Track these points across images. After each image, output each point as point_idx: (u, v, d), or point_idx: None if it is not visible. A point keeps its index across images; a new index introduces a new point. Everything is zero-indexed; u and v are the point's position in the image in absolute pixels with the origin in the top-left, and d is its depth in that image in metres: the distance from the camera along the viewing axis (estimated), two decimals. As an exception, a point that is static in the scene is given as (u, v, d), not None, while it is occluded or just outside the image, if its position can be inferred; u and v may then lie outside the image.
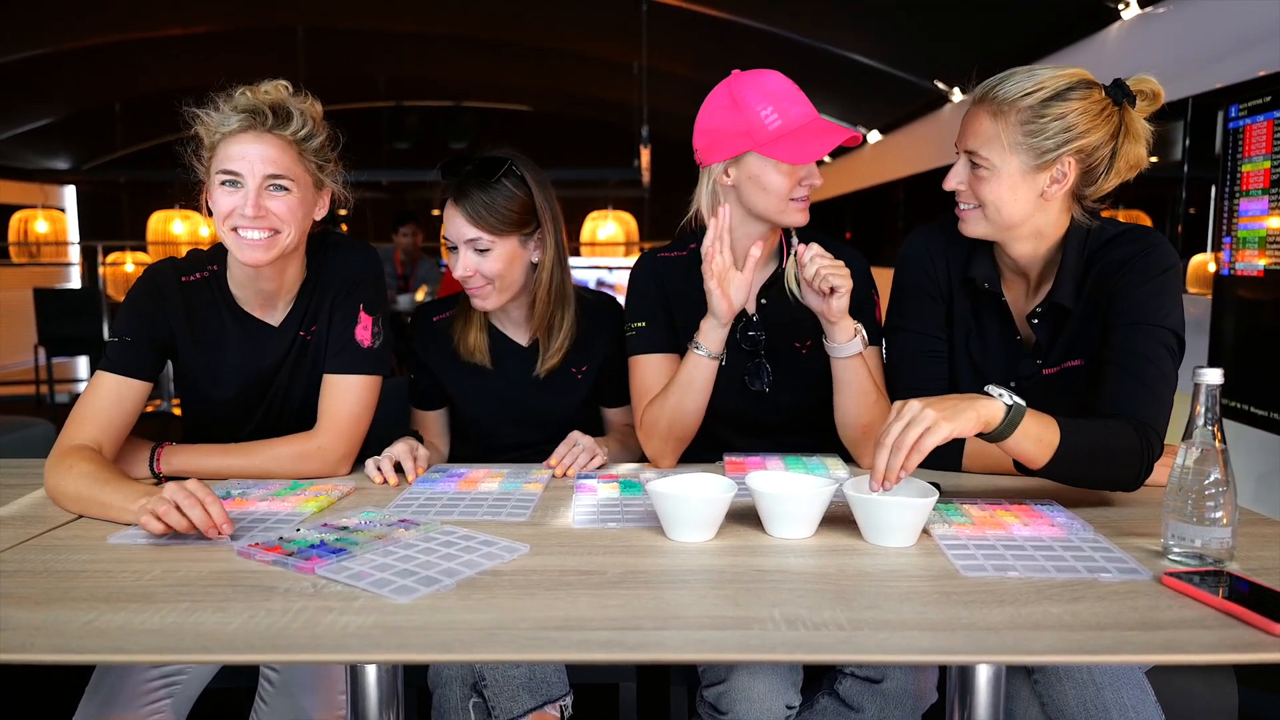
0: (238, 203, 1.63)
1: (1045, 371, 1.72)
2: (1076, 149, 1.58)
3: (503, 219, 1.87)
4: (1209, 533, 1.21)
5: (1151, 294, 1.59)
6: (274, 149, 1.64)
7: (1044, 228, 1.67)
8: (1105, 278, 1.64)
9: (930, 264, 1.82)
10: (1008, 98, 1.59)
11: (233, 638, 1.01)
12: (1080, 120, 1.56)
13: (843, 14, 5.68)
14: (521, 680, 1.55)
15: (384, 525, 1.39)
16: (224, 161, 1.63)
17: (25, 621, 1.04)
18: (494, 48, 7.85)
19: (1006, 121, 1.59)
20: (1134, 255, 1.63)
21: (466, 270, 1.88)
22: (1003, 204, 1.63)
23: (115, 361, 1.65)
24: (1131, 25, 4.04)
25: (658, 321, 1.90)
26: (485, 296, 1.92)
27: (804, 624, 1.04)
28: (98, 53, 7.13)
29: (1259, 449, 2.91)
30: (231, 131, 1.63)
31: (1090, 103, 1.57)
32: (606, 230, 8.42)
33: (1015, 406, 1.39)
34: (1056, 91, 1.57)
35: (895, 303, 1.87)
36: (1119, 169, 1.61)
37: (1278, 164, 2.80)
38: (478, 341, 2.00)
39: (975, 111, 1.64)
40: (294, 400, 1.81)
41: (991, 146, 1.61)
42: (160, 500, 1.30)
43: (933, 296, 1.82)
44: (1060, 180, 1.60)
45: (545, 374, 1.99)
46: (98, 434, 1.60)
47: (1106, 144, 1.59)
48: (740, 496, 1.41)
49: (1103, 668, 1.42)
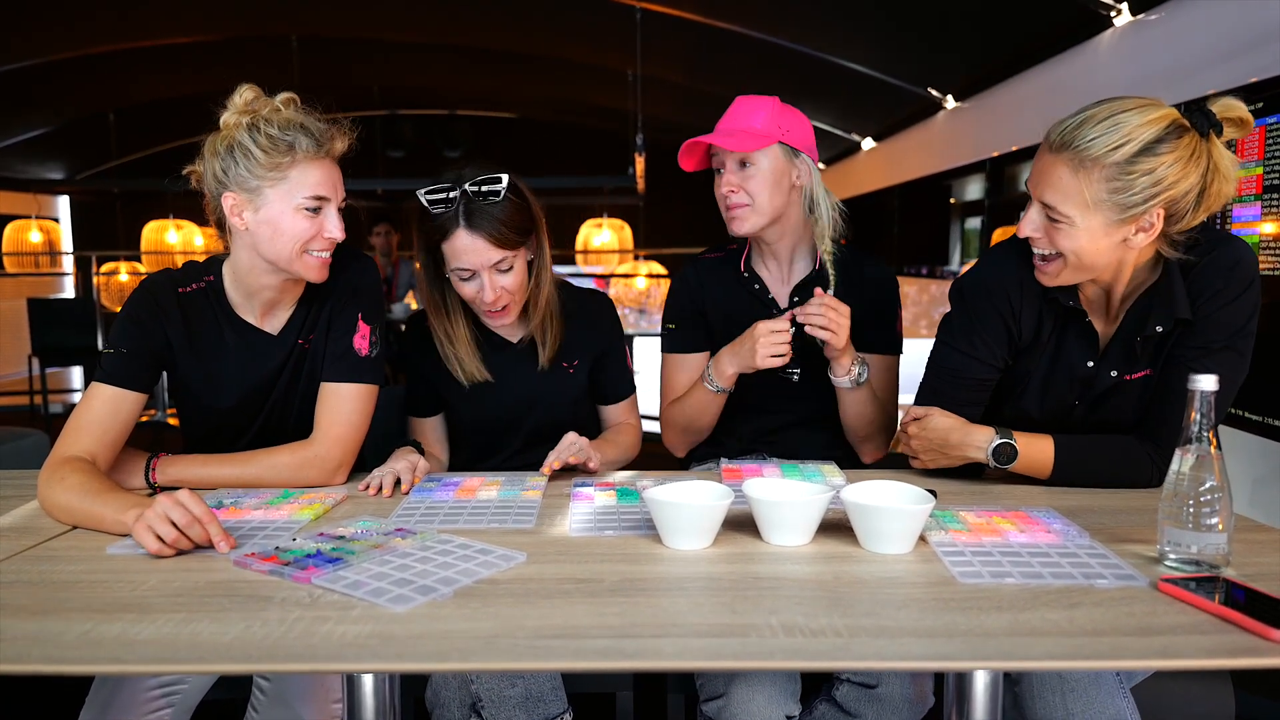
0: (319, 227, 1.65)
1: (1127, 378, 1.66)
2: (1166, 200, 1.48)
3: (519, 232, 1.85)
4: (1205, 539, 1.22)
5: (1230, 314, 1.56)
6: (338, 171, 1.69)
7: (1128, 264, 1.60)
8: (1195, 285, 1.58)
9: (1015, 287, 1.70)
10: (1091, 153, 1.47)
11: (229, 648, 1.01)
12: (1170, 173, 1.46)
13: (835, 22, 5.69)
14: (517, 699, 1.54)
15: (380, 534, 1.39)
16: (307, 187, 1.63)
17: (21, 632, 1.04)
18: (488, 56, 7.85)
19: (1089, 177, 1.48)
20: (1223, 269, 1.56)
21: (495, 293, 1.85)
22: (1083, 255, 1.54)
23: (110, 373, 1.65)
24: (1124, 32, 4.05)
25: (687, 325, 2.12)
26: (510, 314, 1.92)
27: (801, 631, 1.04)
28: (91, 63, 7.11)
29: (1254, 455, 2.92)
30: (309, 153, 1.63)
31: (1180, 150, 1.46)
32: (601, 238, 8.42)
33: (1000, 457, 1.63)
34: (1145, 145, 1.46)
35: (955, 314, 1.78)
36: (1207, 205, 1.52)
37: (1270, 170, 2.81)
38: (472, 363, 1.97)
39: (1053, 161, 1.51)
40: (293, 408, 1.81)
41: (1072, 202, 1.50)
42: (157, 518, 1.29)
43: (1004, 317, 1.72)
44: (1147, 230, 1.51)
45: (548, 365, 1.99)
46: (92, 445, 1.59)
47: (1196, 187, 1.49)
48: (737, 504, 1.41)
49: (1078, 690, 1.43)
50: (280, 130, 1.61)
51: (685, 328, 2.13)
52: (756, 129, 1.92)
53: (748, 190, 1.94)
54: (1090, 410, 1.70)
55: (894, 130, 7.36)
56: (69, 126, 9.09)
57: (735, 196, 1.95)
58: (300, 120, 1.63)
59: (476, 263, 1.82)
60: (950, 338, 1.76)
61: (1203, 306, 1.57)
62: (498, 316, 1.91)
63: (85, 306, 7.78)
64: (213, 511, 1.34)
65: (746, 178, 1.94)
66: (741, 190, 1.94)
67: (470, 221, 1.81)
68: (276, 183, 1.61)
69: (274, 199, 1.62)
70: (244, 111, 1.63)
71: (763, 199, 1.94)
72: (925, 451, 1.73)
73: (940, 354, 1.78)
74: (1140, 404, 1.66)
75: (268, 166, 1.60)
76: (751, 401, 2.06)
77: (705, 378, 2.00)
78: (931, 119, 6.54)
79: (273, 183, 1.61)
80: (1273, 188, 2.80)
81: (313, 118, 1.67)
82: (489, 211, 1.81)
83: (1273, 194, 2.81)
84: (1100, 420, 1.69)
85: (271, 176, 1.61)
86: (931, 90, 6.14)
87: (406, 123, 10.50)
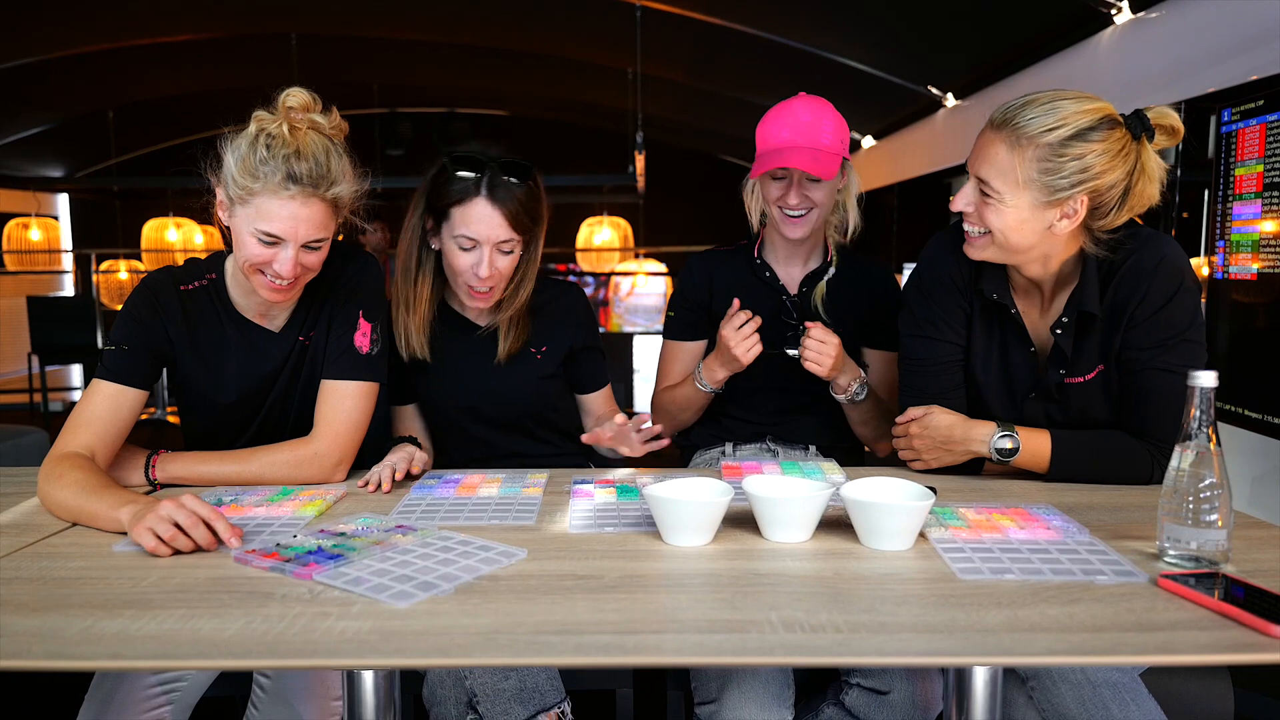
0: (271, 258, 1.60)
1: (1069, 380, 1.71)
2: (1090, 189, 1.55)
3: (534, 220, 1.89)
4: (1204, 535, 1.22)
5: (1171, 312, 1.61)
6: (319, 213, 1.61)
7: (1052, 253, 1.65)
8: (1124, 286, 1.63)
9: (956, 270, 1.78)
10: (1027, 132, 1.54)
11: (229, 643, 1.01)
12: (1098, 161, 1.53)
13: (836, 20, 5.69)
14: (512, 692, 1.54)
15: (382, 531, 1.39)
16: (263, 220, 1.58)
17: (22, 628, 1.04)
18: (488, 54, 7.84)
19: (1023, 155, 1.55)
20: (1147, 270, 1.61)
21: (491, 271, 1.85)
22: (1009, 233, 1.60)
23: (111, 369, 1.65)
24: (1124, 30, 4.05)
25: (687, 314, 2.20)
26: (492, 298, 1.93)
27: (801, 627, 1.04)
28: (90, 60, 7.10)
29: (1253, 452, 2.92)
30: (275, 189, 1.57)
31: (1110, 143, 1.53)
32: (602, 236, 8.42)
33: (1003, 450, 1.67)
34: (1078, 130, 1.53)
35: (915, 306, 1.83)
36: (1131, 205, 1.58)
37: (1271, 167, 2.81)
38: (419, 337, 1.95)
39: (992, 138, 1.59)
40: (293, 406, 1.81)
41: (1004, 178, 1.57)
42: (158, 520, 1.28)
43: (957, 302, 1.79)
44: (1071, 216, 1.58)
45: (504, 359, 1.99)
46: (92, 441, 1.59)
47: (1121, 183, 1.56)
48: (737, 501, 1.41)
49: (1097, 669, 1.42)
50: (267, 152, 1.56)
51: (685, 316, 2.21)
52: (826, 146, 1.99)
53: (812, 198, 2.02)
54: (1056, 409, 1.74)
55: (894, 128, 7.36)
56: (69, 124, 9.08)
57: (802, 205, 2.02)
58: (299, 149, 1.58)
59: (486, 235, 1.83)
60: (914, 329, 1.82)
61: (1138, 309, 1.62)
62: (481, 297, 1.91)
63: (85, 304, 7.78)
64: (218, 510, 1.33)
65: (813, 188, 2.02)
66: (808, 198, 2.02)
67: (493, 193, 1.83)
68: (244, 202, 1.58)
69: (239, 214, 1.60)
70: (266, 119, 1.60)
71: (826, 207, 2.06)
72: (928, 450, 1.75)
73: (908, 347, 1.84)
74: (1106, 403, 1.70)
75: (239, 185, 1.58)
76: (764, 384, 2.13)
77: (695, 377, 2.08)
78: (932, 117, 6.54)
79: (241, 200, 1.59)
80: (1273, 185, 2.81)
81: (334, 151, 1.63)
82: (512, 190, 1.84)
83: (1273, 191, 2.81)
84: (1075, 422, 1.73)
85: (240, 195, 1.58)
86: (932, 88, 6.14)
87: (405, 121, 10.50)
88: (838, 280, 2.15)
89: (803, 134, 1.98)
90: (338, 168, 1.62)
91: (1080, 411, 1.72)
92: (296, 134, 1.59)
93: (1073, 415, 1.73)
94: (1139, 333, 1.63)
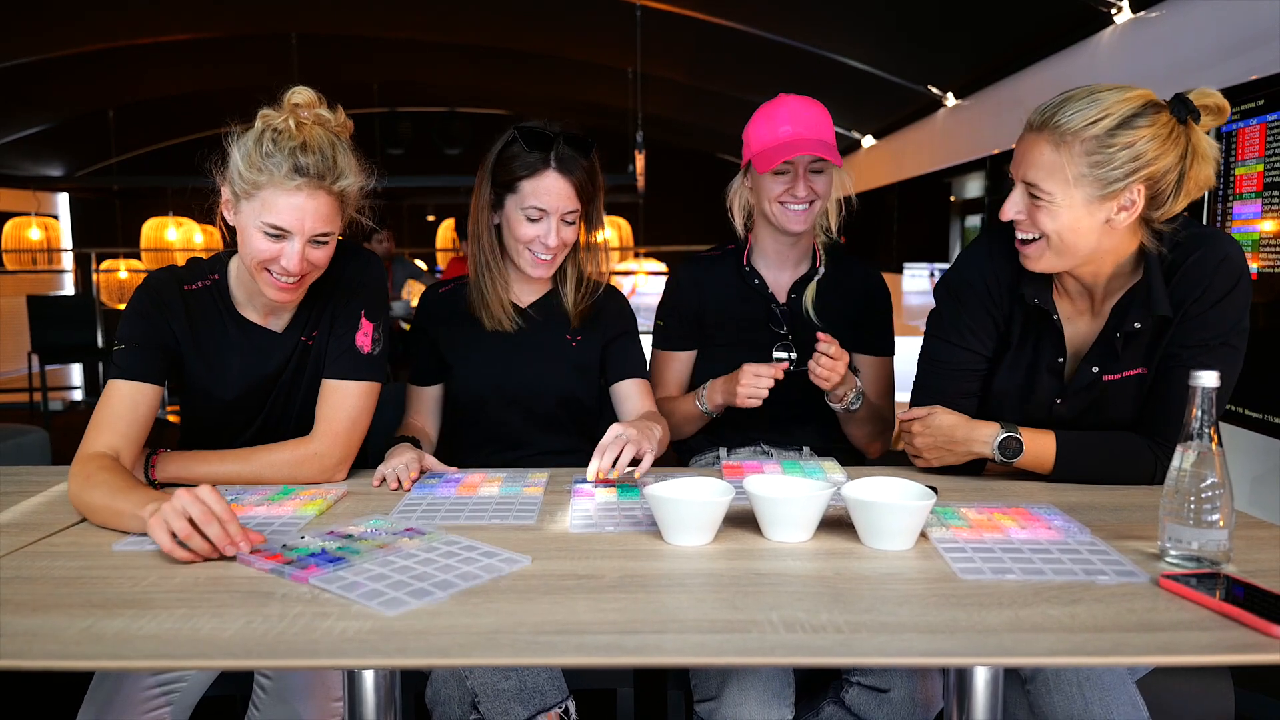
0: (278, 253, 1.60)
1: (1106, 378, 1.67)
2: (1145, 176, 1.50)
3: (596, 192, 1.99)
4: (1206, 535, 1.22)
5: (1223, 309, 1.58)
6: (325, 205, 1.61)
7: (1112, 251, 1.60)
8: (1184, 283, 1.59)
9: (992, 278, 1.74)
10: (1071, 127, 1.50)
11: (230, 643, 1.01)
12: (1149, 147, 1.48)
13: (836, 20, 5.69)
14: (512, 692, 1.54)
15: (389, 534, 1.38)
16: (270, 213, 1.58)
17: (22, 628, 1.04)
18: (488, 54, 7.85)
19: (1070, 152, 1.51)
20: (1209, 268, 1.57)
21: (556, 241, 1.94)
22: (1066, 234, 1.55)
23: (125, 368, 1.64)
24: (1124, 30, 4.06)
25: (676, 323, 2.22)
26: (553, 266, 2.01)
27: (802, 627, 1.04)
28: (91, 59, 7.11)
29: (1253, 452, 2.92)
30: (281, 182, 1.57)
31: (1158, 127, 1.49)
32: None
33: (1006, 451, 1.65)
34: (1124, 119, 1.49)
35: (944, 309, 1.81)
36: (1188, 190, 1.54)
37: (1271, 167, 2.81)
38: (503, 310, 2.02)
39: (1034, 140, 1.55)
40: (295, 405, 1.81)
41: (1054, 178, 1.53)
42: (173, 512, 1.25)
43: (987, 310, 1.76)
44: (1129, 208, 1.53)
45: (576, 324, 2.07)
46: (115, 441, 1.58)
47: (1175, 167, 1.51)
48: (738, 500, 1.41)
49: (1093, 680, 1.42)
50: (273, 146, 1.57)
51: (674, 326, 2.23)
52: (827, 138, 2.06)
53: (816, 189, 2.06)
54: (1074, 409, 1.71)
55: (894, 128, 7.37)
56: (69, 123, 9.09)
57: (809, 195, 2.06)
58: (305, 143, 1.58)
59: (554, 205, 1.92)
60: (940, 331, 1.80)
61: (1194, 305, 1.58)
62: (543, 265, 1.98)
63: (85, 304, 7.79)
64: (233, 510, 1.29)
65: (817, 180, 2.06)
66: (813, 189, 2.06)
67: (562, 165, 1.92)
68: (250, 196, 1.59)
69: (245, 210, 1.60)
70: (272, 115, 1.60)
71: (826, 198, 2.11)
72: (930, 449, 1.74)
73: (932, 348, 1.82)
74: (1137, 404, 1.67)
75: (245, 179, 1.58)
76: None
77: (698, 397, 2.10)
78: (932, 116, 6.54)
79: (247, 195, 1.59)
80: (1273, 185, 2.81)
81: (340, 145, 1.63)
82: (579, 162, 1.94)
83: (1273, 191, 2.81)
84: (1091, 420, 1.70)
85: (246, 189, 1.59)
86: (932, 88, 6.14)
87: (405, 120, 10.50)
88: (828, 285, 2.17)
89: (806, 126, 2.03)
90: (344, 161, 1.63)
91: (1099, 411, 1.69)
92: (303, 128, 1.60)
93: (1090, 414, 1.70)
94: (1186, 328, 1.59)
